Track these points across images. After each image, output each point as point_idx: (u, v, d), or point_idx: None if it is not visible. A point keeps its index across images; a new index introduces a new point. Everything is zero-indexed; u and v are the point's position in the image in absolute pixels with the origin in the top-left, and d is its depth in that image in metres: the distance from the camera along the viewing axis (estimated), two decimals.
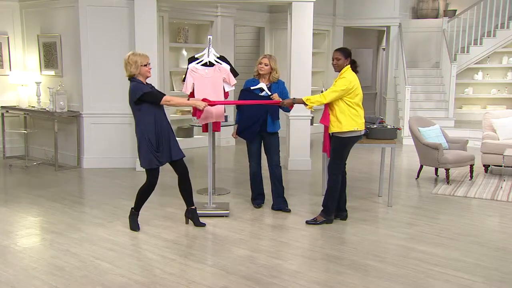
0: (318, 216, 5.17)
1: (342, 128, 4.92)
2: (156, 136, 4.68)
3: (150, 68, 4.73)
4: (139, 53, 4.74)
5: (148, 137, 4.67)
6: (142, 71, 4.67)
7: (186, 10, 9.13)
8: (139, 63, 4.65)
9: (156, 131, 4.69)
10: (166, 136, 4.74)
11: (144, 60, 4.66)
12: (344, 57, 4.96)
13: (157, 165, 4.72)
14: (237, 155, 9.09)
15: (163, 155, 4.72)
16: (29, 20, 8.24)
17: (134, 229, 4.91)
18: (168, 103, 4.72)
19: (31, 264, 4.07)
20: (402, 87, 10.51)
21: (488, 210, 5.76)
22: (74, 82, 7.65)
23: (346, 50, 5.03)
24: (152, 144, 4.67)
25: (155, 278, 3.84)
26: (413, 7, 12.23)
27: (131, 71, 4.67)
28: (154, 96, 4.67)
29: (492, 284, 3.81)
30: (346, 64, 4.97)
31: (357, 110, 4.97)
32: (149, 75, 4.73)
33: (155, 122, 4.69)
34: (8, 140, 8.42)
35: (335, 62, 4.98)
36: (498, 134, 7.59)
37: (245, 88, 5.44)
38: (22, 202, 5.83)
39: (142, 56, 4.69)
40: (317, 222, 5.12)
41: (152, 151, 4.67)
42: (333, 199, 5.12)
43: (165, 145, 4.73)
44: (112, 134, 7.64)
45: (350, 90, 4.89)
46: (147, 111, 4.67)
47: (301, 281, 3.80)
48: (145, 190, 4.86)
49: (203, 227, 5.00)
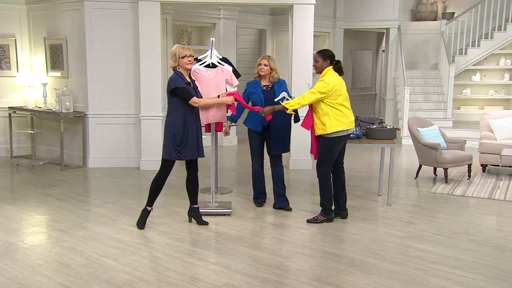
0: (319, 215, 5.21)
1: (326, 130, 4.91)
2: (182, 131, 4.73)
3: (190, 60, 4.71)
4: (181, 45, 4.78)
5: (173, 131, 4.73)
6: (181, 63, 4.71)
7: (189, 13, 9.20)
8: (178, 55, 4.69)
9: (184, 126, 4.74)
10: (193, 133, 4.78)
11: (182, 52, 4.68)
12: (322, 59, 4.96)
13: (175, 158, 4.78)
14: (239, 155, 9.16)
15: (185, 151, 4.77)
16: (36, 23, 8.32)
17: (139, 226, 4.95)
18: (196, 104, 4.73)
19: (38, 261, 4.11)
20: (401, 88, 10.58)
21: (486, 209, 5.80)
22: (80, 83, 7.73)
23: (326, 52, 5.03)
24: (176, 138, 4.72)
25: (159, 275, 3.87)
26: (412, 10, 12.28)
27: (171, 63, 4.75)
28: (184, 94, 4.69)
29: (489, 281, 3.83)
30: (325, 66, 4.97)
31: (341, 110, 4.93)
32: (189, 67, 4.73)
33: (184, 117, 4.73)
34: (15, 140, 8.51)
35: (314, 64, 5.01)
36: (495, 134, 7.65)
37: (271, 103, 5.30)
38: (29, 201, 5.89)
39: (182, 48, 4.71)
40: (318, 221, 5.17)
41: (173, 144, 4.73)
42: (327, 197, 5.13)
43: (191, 142, 4.77)
44: (117, 134, 7.72)
45: (330, 92, 4.84)
46: (178, 105, 4.72)
47: (302, 279, 3.84)
48: (155, 182, 4.91)
49: (206, 225, 5.06)
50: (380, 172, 6.24)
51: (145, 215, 5.01)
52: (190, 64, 4.74)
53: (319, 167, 5.09)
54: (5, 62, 8.41)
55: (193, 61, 4.78)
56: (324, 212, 5.19)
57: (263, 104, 5.40)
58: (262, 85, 5.49)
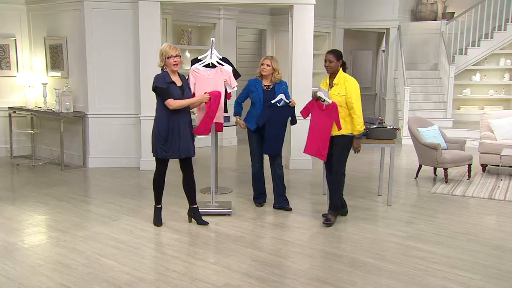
0: (331, 216, 5.18)
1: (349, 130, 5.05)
2: (166, 129, 4.76)
3: (176, 61, 4.73)
4: (169, 45, 4.80)
5: (158, 129, 4.77)
6: (167, 63, 4.75)
7: (189, 13, 9.21)
8: (164, 55, 4.73)
9: (168, 125, 4.76)
10: (179, 132, 4.80)
11: (169, 52, 4.71)
12: (336, 60, 5.02)
13: (161, 156, 4.81)
14: (239, 155, 9.17)
15: (170, 149, 4.80)
16: (36, 23, 8.33)
17: (156, 224, 5.04)
18: (171, 106, 4.71)
19: (38, 261, 4.11)
20: (401, 88, 10.59)
21: (486, 209, 5.81)
22: (80, 83, 7.74)
23: (339, 53, 5.09)
24: (161, 136, 4.76)
25: (159, 275, 3.88)
26: (412, 10, 12.28)
27: (158, 62, 4.80)
28: (162, 94, 4.74)
29: (489, 281, 3.84)
30: (339, 66, 5.04)
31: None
32: (174, 68, 4.75)
33: (168, 116, 4.76)
34: (15, 140, 8.52)
35: (328, 64, 5.04)
36: (495, 135, 7.66)
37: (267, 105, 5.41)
38: (29, 201, 5.90)
39: (169, 48, 4.74)
40: (332, 221, 5.14)
41: (158, 142, 4.77)
42: (341, 196, 5.24)
43: (175, 140, 4.79)
44: (116, 134, 7.73)
45: None
46: (163, 103, 4.76)
47: (302, 279, 3.84)
48: (154, 181, 5.00)
49: (206, 225, 5.07)
50: (380, 172, 6.25)
51: (158, 213, 5.11)
52: (176, 65, 4.75)
53: (341, 166, 5.17)
54: (5, 62, 8.41)
55: (180, 62, 4.80)
56: (335, 210, 5.21)
57: (261, 104, 5.42)
58: (263, 84, 5.50)
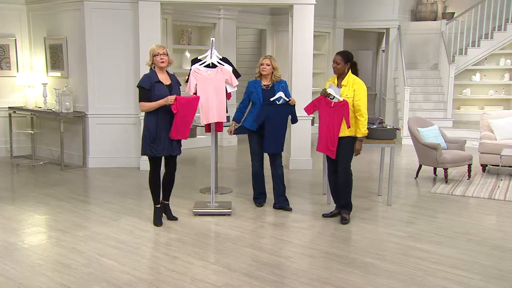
0: (345, 214, 5.24)
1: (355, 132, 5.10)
2: (155, 127, 4.82)
3: (163, 59, 4.79)
4: (156, 44, 4.93)
5: (147, 127, 4.84)
6: (154, 61, 4.83)
7: (189, 13, 9.21)
8: (152, 54, 4.82)
9: (156, 123, 4.82)
10: (167, 130, 4.86)
11: (155, 50, 4.80)
12: (344, 62, 5.03)
13: (150, 154, 4.87)
14: (239, 155, 9.17)
15: (159, 147, 4.85)
16: (36, 23, 8.33)
17: (156, 224, 5.06)
18: (141, 108, 4.87)
19: (38, 261, 4.12)
20: (402, 88, 10.59)
21: (486, 209, 5.81)
22: (80, 83, 7.74)
23: (346, 54, 5.08)
24: (151, 134, 4.82)
25: (159, 275, 3.88)
26: (412, 10, 12.29)
27: (147, 61, 4.89)
28: (140, 95, 4.84)
29: (489, 281, 3.84)
30: (346, 69, 5.05)
31: None
32: (161, 65, 4.82)
33: (158, 115, 4.82)
34: (15, 140, 8.51)
35: (335, 66, 5.07)
36: (495, 135, 7.66)
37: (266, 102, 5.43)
38: (29, 201, 5.90)
39: (156, 46, 4.85)
40: (348, 219, 5.22)
41: (148, 140, 4.83)
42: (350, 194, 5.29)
43: (164, 139, 4.85)
44: (116, 134, 7.73)
45: None
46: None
47: (302, 279, 3.84)
48: (149, 181, 5.05)
49: (176, 220, 5.18)
50: (380, 172, 6.25)
51: (157, 213, 5.14)
52: (163, 62, 4.82)
53: (348, 166, 5.20)
54: (5, 62, 8.41)
55: (167, 60, 4.84)
56: (347, 209, 5.28)
57: (261, 103, 5.44)
58: (262, 84, 5.51)
